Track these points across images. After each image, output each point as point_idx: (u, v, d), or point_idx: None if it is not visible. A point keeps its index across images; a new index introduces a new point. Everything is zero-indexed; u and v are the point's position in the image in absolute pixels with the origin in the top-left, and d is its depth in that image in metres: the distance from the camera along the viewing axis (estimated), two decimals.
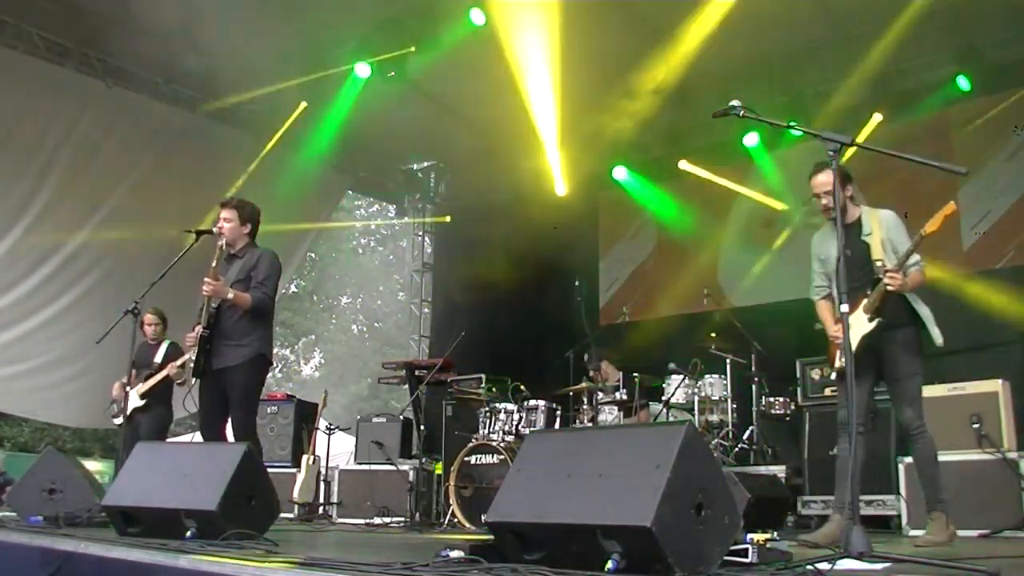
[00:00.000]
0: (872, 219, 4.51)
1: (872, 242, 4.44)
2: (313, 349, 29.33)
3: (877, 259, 4.39)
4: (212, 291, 4.82)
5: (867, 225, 4.50)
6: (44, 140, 8.25)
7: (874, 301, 4.32)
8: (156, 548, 2.86)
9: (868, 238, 4.46)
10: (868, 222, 4.51)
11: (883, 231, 4.46)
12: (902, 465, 5.37)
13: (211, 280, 4.81)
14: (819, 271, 4.74)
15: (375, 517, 7.05)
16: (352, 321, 30.04)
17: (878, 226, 4.47)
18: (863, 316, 4.35)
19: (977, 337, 7.18)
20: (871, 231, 4.47)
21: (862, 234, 4.48)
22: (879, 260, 4.38)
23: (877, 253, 4.41)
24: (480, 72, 8.81)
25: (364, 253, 29.59)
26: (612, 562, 2.19)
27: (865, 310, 4.35)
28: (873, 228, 4.46)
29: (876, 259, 4.39)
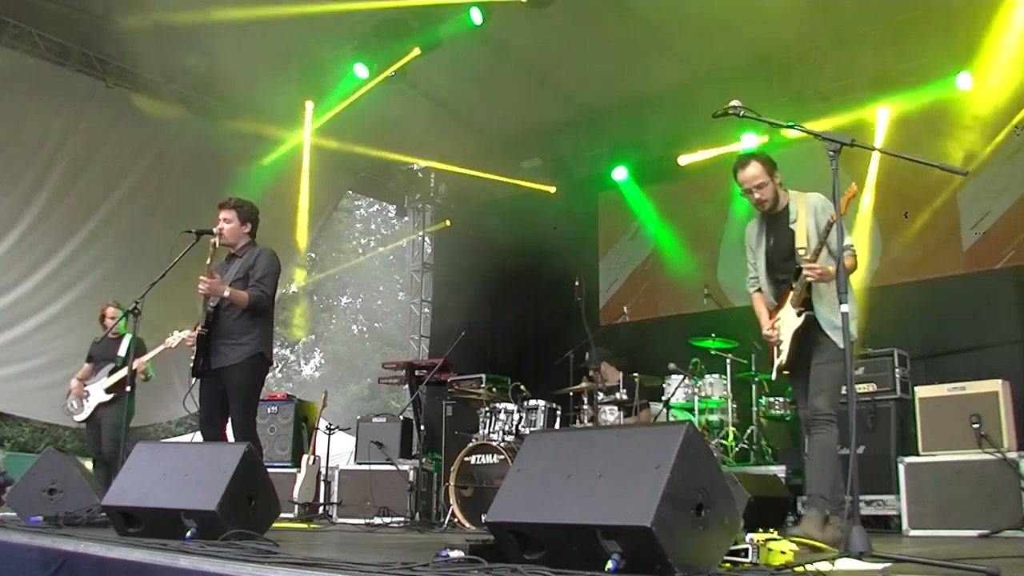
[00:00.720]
0: (800, 205, 4.25)
1: (797, 229, 4.19)
2: (313, 349, 29.34)
3: (800, 247, 4.15)
4: (208, 288, 4.82)
5: (793, 212, 4.25)
6: (44, 140, 8.25)
7: (800, 293, 4.11)
8: (156, 548, 2.85)
9: (793, 226, 4.22)
10: (795, 208, 4.25)
11: (809, 217, 4.18)
12: (902, 465, 5.37)
13: (206, 278, 4.80)
14: (752, 261, 4.49)
15: (375, 517, 7.05)
16: (352, 321, 30.05)
17: (804, 212, 4.21)
18: (792, 310, 4.17)
19: (977, 337, 7.18)
20: (796, 218, 4.22)
21: (788, 222, 4.25)
22: (801, 248, 4.14)
23: (801, 241, 4.16)
24: (480, 72, 8.82)
25: (364, 253, 29.59)
26: (612, 562, 2.19)
27: (793, 304, 4.17)
28: (799, 214, 4.21)
29: (799, 247, 4.15)
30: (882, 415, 5.90)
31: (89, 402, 6.59)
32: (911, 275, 7.80)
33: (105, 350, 6.70)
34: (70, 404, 6.70)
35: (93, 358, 6.83)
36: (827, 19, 8.04)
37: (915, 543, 4.70)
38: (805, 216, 4.17)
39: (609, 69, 8.67)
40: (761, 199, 4.22)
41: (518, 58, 8.83)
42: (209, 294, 4.85)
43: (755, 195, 4.23)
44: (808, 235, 4.13)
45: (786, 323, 4.23)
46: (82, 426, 6.94)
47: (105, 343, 6.73)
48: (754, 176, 4.20)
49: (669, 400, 6.95)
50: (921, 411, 5.52)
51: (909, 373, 6.14)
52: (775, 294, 4.36)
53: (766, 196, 4.22)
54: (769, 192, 4.22)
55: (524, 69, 8.96)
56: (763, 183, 4.20)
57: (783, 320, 4.27)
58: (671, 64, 8.58)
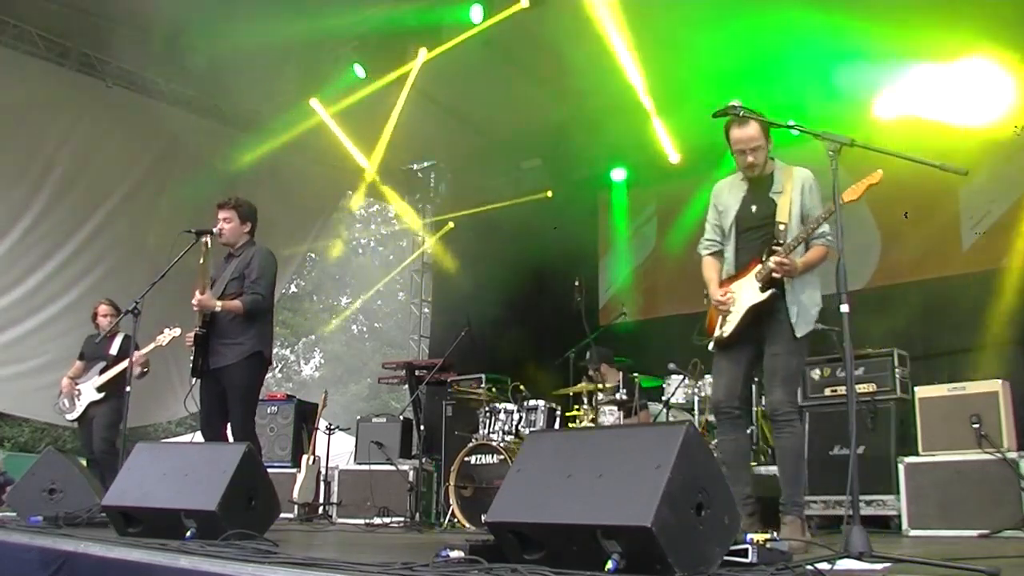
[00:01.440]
0: (787, 178, 4.02)
1: (780, 202, 3.97)
2: (313, 349, 29.34)
3: (781, 221, 3.94)
4: (200, 306, 4.84)
5: (779, 182, 4.03)
6: (44, 140, 8.25)
7: (770, 270, 3.90)
8: (156, 548, 2.86)
9: (777, 196, 4.00)
10: (780, 179, 4.04)
11: (796, 192, 3.98)
12: (902, 465, 5.37)
13: (200, 296, 4.84)
14: (714, 223, 4.24)
15: (375, 517, 7.05)
16: (352, 321, 30.06)
17: (791, 185, 3.99)
18: (753, 283, 3.96)
19: (977, 337, 7.18)
20: (782, 189, 4.00)
21: (771, 190, 4.02)
22: (782, 223, 3.94)
23: (783, 215, 3.95)
24: (480, 72, 8.81)
25: (364, 253, 29.60)
26: (612, 562, 2.19)
27: (757, 276, 3.95)
28: (785, 187, 3.99)
29: (780, 221, 3.94)
30: (882, 415, 5.89)
31: (80, 401, 6.57)
32: (911, 275, 7.79)
33: (97, 348, 6.68)
34: (61, 403, 6.67)
35: (85, 356, 6.81)
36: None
37: (915, 543, 4.69)
38: (791, 190, 3.97)
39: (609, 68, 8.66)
40: (754, 162, 3.98)
41: (518, 58, 8.82)
42: (201, 310, 4.87)
43: (748, 157, 3.98)
44: (792, 212, 3.94)
45: (743, 295, 4.00)
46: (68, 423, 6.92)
47: (95, 341, 6.71)
48: (752, 137, 3.94)
49: (669, 400, 6.94)
50: (921, 411, 5.51)
51: (909, 373, 6.13)
52: (739, 263, 4.12)
53: (760, 159, 3.99)
54: (762, 157, 4.00)
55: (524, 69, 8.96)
56: (759, 145, 3.97)
57: (739, 291, 4.04)
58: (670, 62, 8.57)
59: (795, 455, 3.96)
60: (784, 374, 3.95)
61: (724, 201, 4.20)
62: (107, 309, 6.71)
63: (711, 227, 4.28)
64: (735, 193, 4.17)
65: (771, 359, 3.98)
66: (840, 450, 5.88)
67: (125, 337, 6.59)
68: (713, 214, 4.26)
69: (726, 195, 4.20)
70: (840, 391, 6.04)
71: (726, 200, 4.19)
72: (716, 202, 4.24)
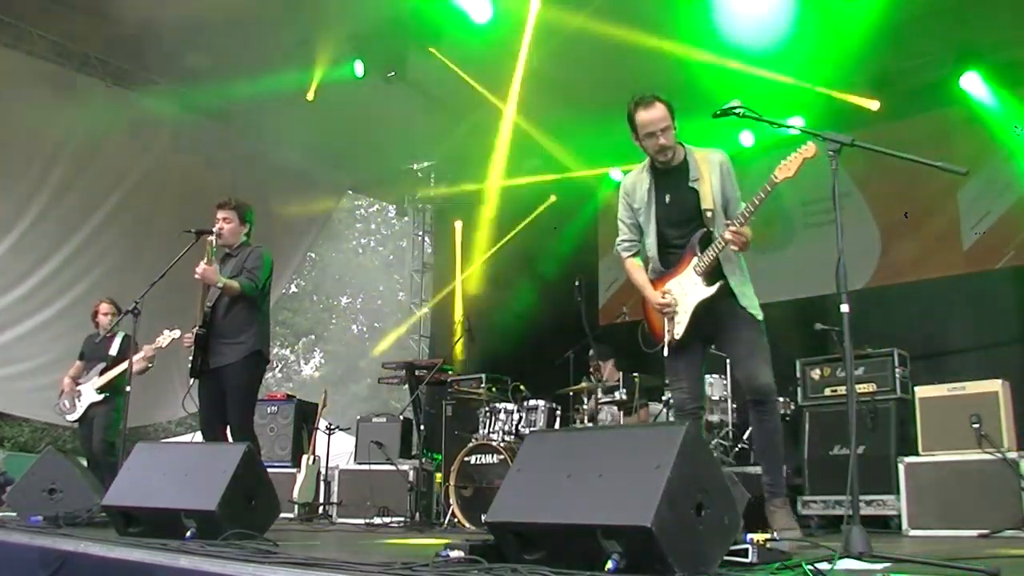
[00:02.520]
0: (701, 163, 3.87)
1: (701, 189, 3.82)
2: (313, 349, 29.33)
3: (707, 209, 3.80)
4: (202, 273, 4.84)
5: (694, 169, 3.87)
6: (44, 140, 8.26)
7: (710, 261, 3.78)
8: (156, 548, 2.85)
9: (696, 184, 3.84)
10: (694, 164, 3.88)
11: (715, 176, 3.84)
12: (902, 465, 5.37)
13: (205, 264, 4.83)
14: (628, 221, 4.05)
15: (375, 517, 7.05)
16: (352, 321, 30.04)
17: (708, 171, 3.85)
18: (695, 278, 3.83)
19: (977, 337, 7.18)
20: (699, 175, 3.84)
21: (689, 178, 3.86)
22: (710, 210, 3.79)
23: (707, 202, 3.79)
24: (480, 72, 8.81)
25: (364, 253, 29.59)
26: (612, 562, 2.19)
27: (697, 271, 3.81)
28: (702, 173, 3.84)
29: (706, 209, 3.80)
30: (882, 415, 5.89)
31: (81, 401, 6.55)
32: (911, 275, 7.80)
33: (97, 348, 6.66)
34: (62, 403, 6.65)
35: (85, 356, 6.79)
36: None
37: (915, 543, 4.69)
38: (710, 175, 3.83)
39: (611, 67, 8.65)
40: (666, 144, 3.79)
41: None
42: (203, 279, 4.87)
43: (660, 139, 3.78)
44: (714, 196, 3.80)
45: (686, 293, 3.86)
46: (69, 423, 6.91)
47: (95, 341, 6.70)
48: (661, 117, 3.77)
49: (669, 400, 6.94)
50: (921, 411, 5.51)
51: (909, 373, 6.13)
52: (665, 260, 3.98)
53: (671, 141, 3.81)
54: (672, 137, 3.82)
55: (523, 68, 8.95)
56: (668, 126, 3.79)
57: (678, 289, 3.92)
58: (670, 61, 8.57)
59: (777, 438, 3.87)
60: (764, 353, 3.82)
61: (638, 197, 3.99)
62: (108, 308, 6.70)
63: (626, 226, 4.08)
64: (649, 186, 3.97)
65: (741, 343, 3.85)
66: (840, 450, 5.88)
67: (125, 337, 6.57)
68: (627, 212, 4.06)
69: (640, 190, 3.99)
70: (840, 391, 6.05)
71: (640, 195, 3.98)
72: (629, 200, 4.04)
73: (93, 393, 6.49)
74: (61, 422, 7.09)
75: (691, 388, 4.05)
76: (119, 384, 6.24)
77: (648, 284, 4.03)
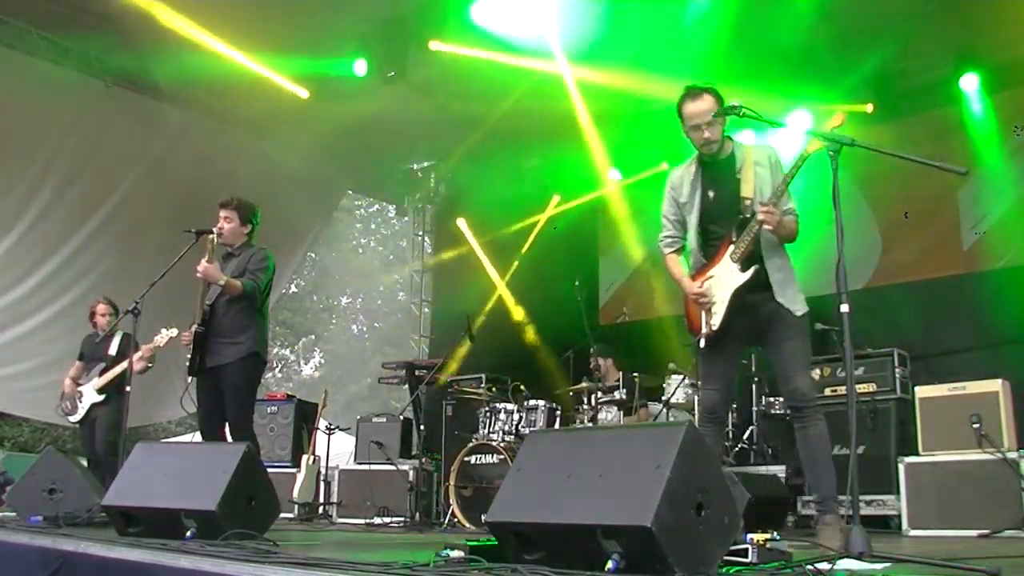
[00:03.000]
0: (746, 154, 3.82)
1: (744, 177, 3.76)
2: (313, 349, 29.33)
3: (746, 197, 3.73)
4: (204, 271, 4.84)
5: (739, 160, 3.83)
6: (44, 140, 8.25)
7: (746, 247, 3.69)
8: (156, 548, 2.85)
9: (740, 173, 3.79)
10: (740, 156, 3.83)
11: (762, 167, 3.78)
12: (902, 465, 5.37)
13: (206, 262, 4.83)
14: (672, 217, 3.99)
15: (375, 517, 7.05)
16: (352, 321, 30.05)
17: (753, 161, 3.79)
18: (731, 266, 3.73)
19: (977, 337, 7.18)
20: (742, 166, 3.80)
21: (734, 170, 3.81)
22: (748, 199, 3.72)
23: (747, 190, 3.73)
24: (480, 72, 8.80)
25: (364, 253, 29.59)
26: (612, 562, 2.19)
27: (734, 258, 3.72)
28: (748, 163, 3.79)
29: (745, 196, 3.73)
30: (882, 415, 5.90)
31: (83, 403, 6.54)
32: (911, 275, 7.80)
33: (96, 348, 6.64)
34: (64, 405, 6.62)
35: (84, 356, 6.77)
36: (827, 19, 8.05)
37: (915, 543, 4.70)
38: (755, 165, 3.77)
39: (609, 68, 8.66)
40: (711, 138, 3.75)
41: None
42: (205, 276, 4.87)
43: (705, 133, 3.74)
44: (758, 186, 3.74)
45: (723, 282, 3.76)
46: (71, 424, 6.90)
47: (94, 341, 6.68)
48: (708, 110, 3.70)
49: (669, 400, 6.95)
50: (921, 411, 5.52)
51: (909, 373, 6.14)
52: (706, 252, 3.91)
53: (716, 135, 3.76)
54: (719, 132, 3.77)
55: None
56: (712, 123, 3.75)
57: (716, 279, 3.81)
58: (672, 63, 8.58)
59: (827, 445, 3.68)
60: (806, 359, 3.71)
61: (684, 192, 3.93)
62: (105, 308, 6.66)
63: (670, 222, 4.02)
64: (696, 180, 3.91)
65: (782, 344, 3.72)
66: (840, 450, 5.87)
67: (124, 336, 6.53)
68: (672, 207, 3.99)
69: (686, 186, 3.93)
70: (840, 391, 6.05)
71: (686, 192, 3.92)
72: (675, 194, 3.97)
73: (94, 394, 6.47)
74: (61, 422, 7.08)
75: (723, 389, 3.91)
76: (120, 384, 6.18)
77: (686, 277, 3.94)
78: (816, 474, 3.73)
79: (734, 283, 3.73)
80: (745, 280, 3.70)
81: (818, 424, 3.68)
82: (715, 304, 3.80)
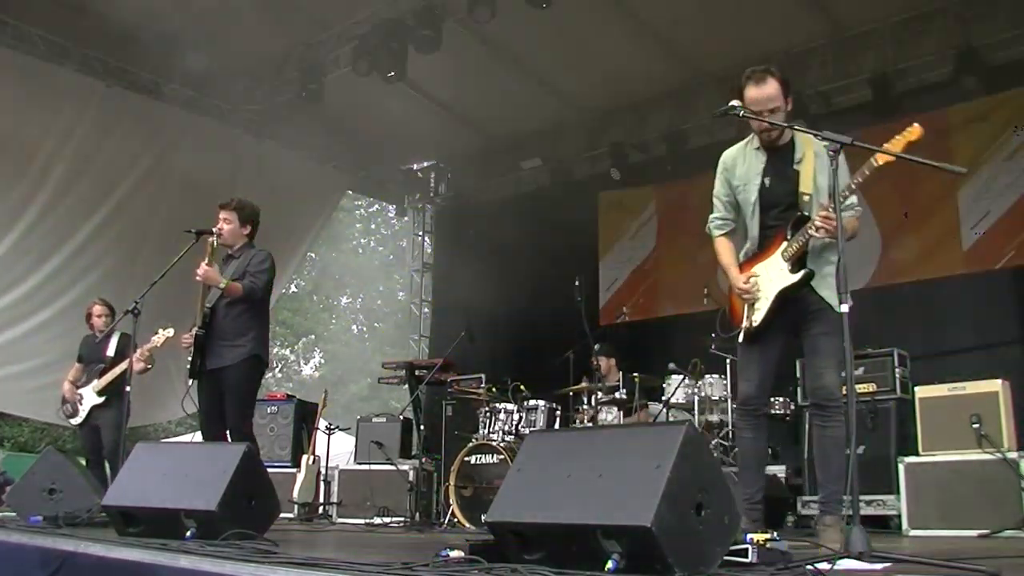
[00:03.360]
0: (807, 145, 3.60)
1: (803, 170, 3.59)
2: (313, 349, 29.32)
3: (805, 192, 3.57)
4: (204, 275, 4.83)
5: (799, 150, 3.63)
6: (44, 140, 8.25)
7: (799, 246, 3.55)
8: (156, 548, 2.85)
9: (799, 166, 3.62)
10: (801, 146, 3.63)
11: (819, 161, 3.56)
12: (902, 465, 5.37)
13: (205, 265, 4.82)
14: (724, 198, 3.81)
15: (375, 517, 7.05)
16: (352, 321, 30.04)
17: (813, 154, 3.58)
18: (781, 264, 3.60)
19: (977, 337, 7.18)
20: (802, 157, 3.61)
21: (794, 161, 3.64)
22: (807, 194, 3.56)
23: (806, 185, 3.56)
24: (480, 72, 8.82)
25: (364, 253, 29.58)
26: (612, 562, 2.19)
27: (785, 256, 3.60)
28: (806, 155, 3.60)
29: (804, 192, 3.57)
30: (882, 415, 5.90)
31: (83, 405, 6.52)
32: (911, 275, 7.80)
33: (95, 350, 6.60)
34: (65, 408, 6.59)
35: (83, 358, 6.74)
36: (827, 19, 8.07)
37: (915, 543, 4.70)
38: (813, 159, 3.57)
39: (609, 69, 8.68)
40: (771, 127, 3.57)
41: (518, 58, 8.83)
42: (204, 281, 4.87)
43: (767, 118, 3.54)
44: (817, 182, 3.56)
45: (770, 278, 3.65)
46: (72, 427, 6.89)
47: (92, 342, 6.64)
48: (771, 97, 3.50)
49: (669, 400, 6.95)
50: (921, 411, 5.52)
51: (909, 373, 6.14)
52: (760, 243, 3.75)
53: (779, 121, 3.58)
54: (781, 119, 3.57)
55: (524, 69, 8.97)
56: (778, 107, 3.55)
57: (763, 274, 3.69)
58: (671, 64, 8.59)
59: (843, 447, 3.55)
60: (839, 357, 3.52)
61: (740, 174, 3.76)
62: (101, 309, 6.61)
63: (722, 204, 3.82)
64: (752, 164, 3.74)
65: (817, 339, 3.60)
66: None
67: (122, 336, 6.47)
68: (724, 188, 3.81)
69: (741, 167, 3.76)
70: None
71: (743, 173, 3.75)
72: (728, 175, 3.80)
73: (94, 396, 6.43)
74: (61, 422, 7.08)
75: (761, 382, 3.76)
76: (119, 385, 6.12)
77: (734, 266, 3.77)
78: (825, 475, 3.67)
79: (782, 283, 3.61)
80: (793, 282, 3.58)
81: (837, 426, 3.59)
82: (759, 301, 3.68)
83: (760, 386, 3.79)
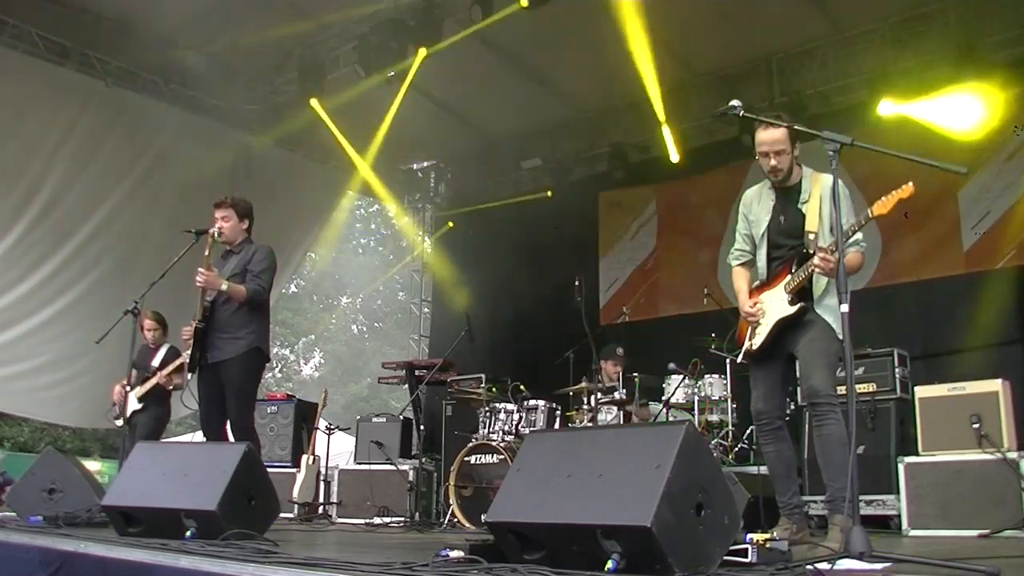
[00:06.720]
0: (814, 185, 3.94)
1: (809, 210, 3.91)
2: (313, 349, 29.34)
3: (810, 231, 3.86)
4: (205, 282, 4.82)
5: (805, 191, 3.96)
6: (44, 140, 8.25)
7: (799, 281, 3.84)
8: (156, 548, 2.86)
9: (805, 206, 3.94)
10: (807, 187, 3.96)
11: (826, 200, 3.86)
12: (902, 465, 5.36)
13: (205, 271, 4.82)
14: (744, 233, 4.19)
15: (375, 517, 7.05)
16: (352, 321, 30.06)
17: (817, 193, 3.91)
18: (782, 295, 3.91)
19: (977, 337, 7.17)
20: (808, 198, 3.93)
21: (799, 201, 3.96)
22: (812, 232, 3.85)
23: (812, 224, 3.87)
24: (480, 72, 8.82)
25: (364, 253, 29.59)
26: (612, 562, 2.19)
27: (787, 289, 3.89)
28: (812, 194, 3.92)
29: (809, 231, 3.86)
30: (882, 415, 5.89)
31: (128, 409, 6.70)
32: (911, 275, 7.80)
33: (143, 359, 6.85)
34: (112, 411, 6.87)
35: (135, 365, 6.90)
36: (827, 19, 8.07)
37: (915, 543, 4.69)
38: (819, 197, 3.89)
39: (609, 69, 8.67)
40: (777, 166, 3.91)
41: (518, 58, 8.83)
42: (206, 287, 4.86)
43: (772, 160, 3.90)
44: (822, 219, 3.86)
45: (772, 307, 3.96)
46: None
47: (145, 352, 6.88)
48: (777, 140, 3.85)
49: (669, 400, 6.95)
50: (921, 411, 5.51)
51: (909, 373, 6.13)
52: (769, 272, 4.10)
53: (783, 165, 3.91)
54: (786, 162, 3.91)
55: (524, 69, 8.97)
56: (783, 150, 3.88)
57: (768, 302, 4.01)
58: (671, 64, 8.59)
59: (842, 443, 3.68)
60: (826, 358, 3.81)
61: (754, 212, 4.13)
62: (151, 324, 6.88)
63: (741, 237, 4.22)
64: (764, 203, 4.10)
65: (809, 344, 3.86)
66: None
67: (169, 349, 6.81)
68: (743, 224, 4.20)
69: (756, 205, 4.13)
70: (840, 391, 6.03)
71: (756, 211, 4.12)
72: (746, 212, 4.18)
73: (135, 402, 6.70)
74: (60, 422, 7.12)
75: (766, 396, 4.05)
76: (158, 394, 6.70)
77: (744, 291, 4.15)
78: (828, 474, 3.80)
79: (780, 313, 3.93)
80: (790, 314, 3.89)
81: (832, 424, 3.75)
82: (760, 326, 4.02)
83: (767, 399, 4.06)
